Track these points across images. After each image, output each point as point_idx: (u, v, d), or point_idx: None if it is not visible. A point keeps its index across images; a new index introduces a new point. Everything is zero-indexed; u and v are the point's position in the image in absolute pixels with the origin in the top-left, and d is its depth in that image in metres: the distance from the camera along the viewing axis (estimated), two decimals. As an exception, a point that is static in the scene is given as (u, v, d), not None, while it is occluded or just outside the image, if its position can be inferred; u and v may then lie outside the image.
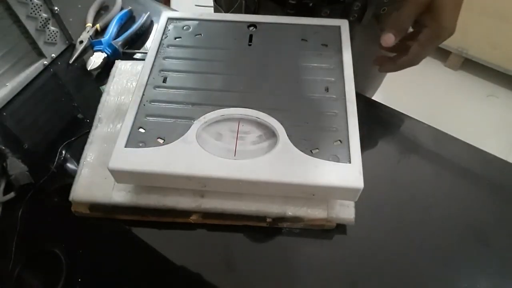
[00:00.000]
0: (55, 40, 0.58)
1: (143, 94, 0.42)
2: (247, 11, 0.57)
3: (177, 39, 0.47)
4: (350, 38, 0.47)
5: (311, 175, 0.35)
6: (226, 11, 0.61)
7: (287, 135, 0.38)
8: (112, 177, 0.38)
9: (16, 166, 0.45)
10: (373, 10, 0.51)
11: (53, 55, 0.58)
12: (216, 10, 0.65)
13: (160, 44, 0.47)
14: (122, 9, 0.65)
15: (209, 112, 0.40)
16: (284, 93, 0.42)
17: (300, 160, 0.36)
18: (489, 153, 0.47)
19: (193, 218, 0.41)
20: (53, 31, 0.57)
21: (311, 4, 0.51)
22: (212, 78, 0.43)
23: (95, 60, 0.56)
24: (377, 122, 0.50)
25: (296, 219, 0.40)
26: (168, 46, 0.47)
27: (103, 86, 0.52)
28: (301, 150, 0.37)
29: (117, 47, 0.58)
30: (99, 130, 0.46)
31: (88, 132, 0.46)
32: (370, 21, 0.53)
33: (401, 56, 0.45)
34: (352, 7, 0.50)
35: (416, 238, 0.41)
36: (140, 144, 0.38)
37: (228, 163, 0.36)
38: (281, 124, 0.39)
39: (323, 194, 0.38)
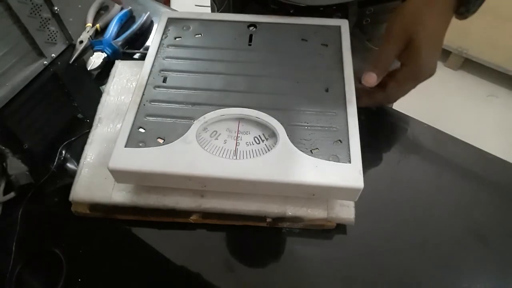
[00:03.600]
0: (55, 40, 0.58)
1: (143, 94, 0.42)
2: (234, 10, 0.58)
3: (177, 39, 0.47)
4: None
5: (311, 175, 0.35)
6: (219, 8, 0.61)
7: (287, 135, 0.38)
8: (112, 177, 0.38)
9: (16, 166, 0.45)
10: (354, 21, 0.52)
11: (53, 55, 0.58)
12: (212, 6, 0.66)
13: (160, 44, 0.47)
14: (122, 9, 0.65)
15: (209, 112, 0.40)
16: (284, 93, 0.42)
17: (300, 160, 0.36)
18: (489, 153, 0.47)
19: (193, 218, 0.41)
20: (53, 31, 0.57)
21: (292, 11, 0.51)
22: (212, 78, 0.43)
23: (95, 60, 0.56)
24: (377, 122, 0.50)
25: (296, 219, 0.40)
26: (168, 46, 0.47)
27: (103, 86, 0.52)
28: (301, 150, 0.37)
29: (117, 47, 0.58)
30: (99, 130, 0.46)
31: (88, 132, 0.46)
32: (353, 31, 0.53)
33: (378, 92, 0.44)
34: (332, 17, 0.50)
35: (416, 238, 0.41)
36: (140, 144, 0.38)
37: (228, 163, 0.36)
38: (281, 124, 0.39)
39: (323, 194, 0.38)
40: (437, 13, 0.40)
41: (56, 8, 0.56)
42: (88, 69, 0.56)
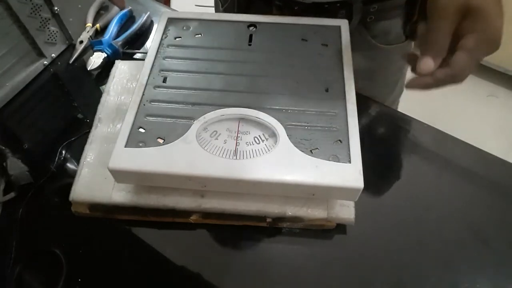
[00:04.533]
0: (55, 40, 0.58)
1: (143, 94, 0.42)
2: (239, 8, 0.57)
3: (177, 39, 0.47)
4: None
5: (311, 175, 0.35)
6: (223, 4, 0.61)
7: (287, 135, 0.38)
8: (112, 177, 0.38)
9: (16, 166, 0.45)
10: (358, 18, 0.51)
11: (53, 55, 0.58)
12: (216, 3, 0.66)
13: (160, 44, 0.47)
14: (122, 9, 0.65)
15: (209, 112, 0.40)
16: (284, 93, 0.42)
17: (300, 160, 0.36)
18: (489, 153, 0.47)
19: (193, 218, 0.41)
20: (53, 31, 0.57)
21: (296, 8, 0.51)
22: (212, 78, 0.43)
23: (95, 60, 0.56)
24: (377, 122, 0.50)
25: (296, 219, 0.40)
26: (168, 46, 0.47)
27: (103, 86, 0.52)
28: (301, 150, 0.37)
29: (117, 47, 0.58)
30: (99, 130, 0.46)
31: (88, 132, 0.46)
32: (358, 28, 0.53)
33: (441, 69, 0.35)
34: (336, 16, 0.50)
35: (416, 238, 0.41)
36: (140, 144, 0.38)
37: (228, 163, 0.36)
38: (281, 124, 0.39)
39: (323, 194, 0.38)
40: None
41: (56, 8, 0.56)
42: (88, 69, 0.56)
